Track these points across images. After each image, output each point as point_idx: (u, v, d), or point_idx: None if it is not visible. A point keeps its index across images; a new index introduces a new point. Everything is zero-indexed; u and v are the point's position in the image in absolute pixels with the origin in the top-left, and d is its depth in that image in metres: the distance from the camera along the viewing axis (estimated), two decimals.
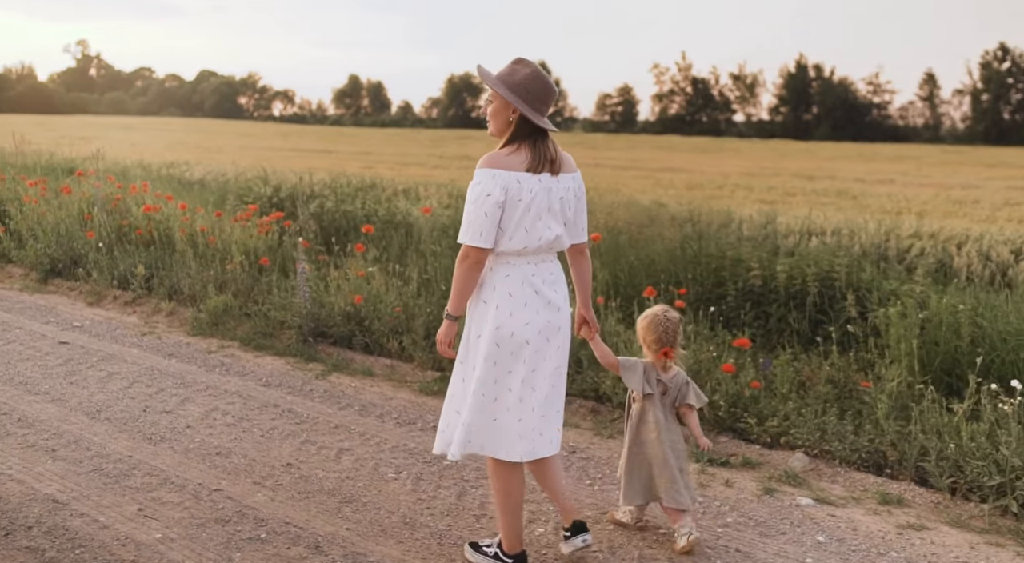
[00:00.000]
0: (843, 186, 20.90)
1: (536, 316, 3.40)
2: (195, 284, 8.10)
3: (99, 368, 6.25)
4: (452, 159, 29.03)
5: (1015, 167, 33.23)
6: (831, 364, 5.54)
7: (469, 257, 3.32)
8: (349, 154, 31.58)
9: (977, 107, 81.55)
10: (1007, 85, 79.82)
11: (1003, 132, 76.49)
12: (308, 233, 8.95)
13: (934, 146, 55.20)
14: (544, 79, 3.37)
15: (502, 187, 3.26)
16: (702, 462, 4.86)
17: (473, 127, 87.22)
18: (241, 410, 5.47)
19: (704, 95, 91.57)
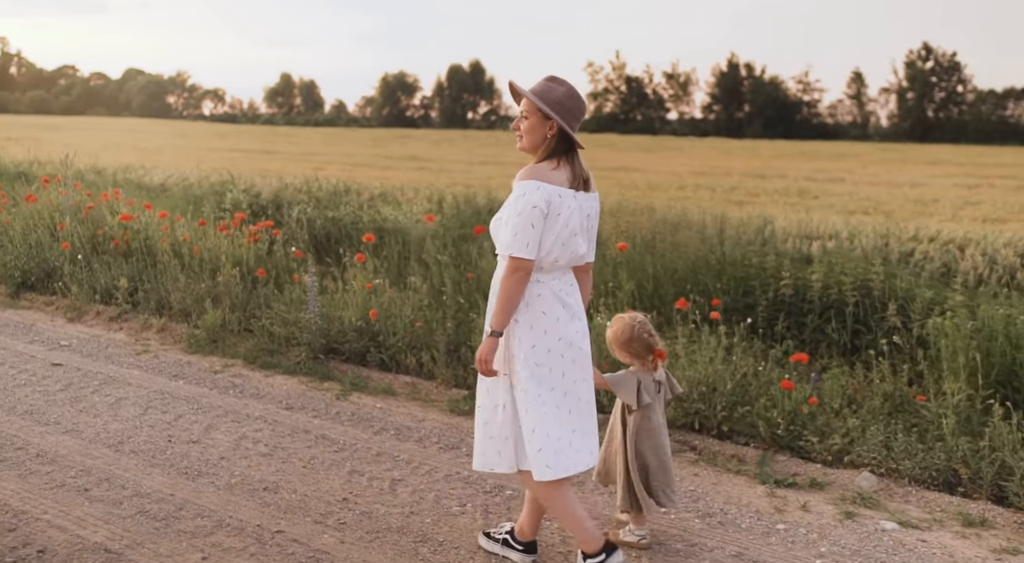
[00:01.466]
0: (800, 185, 21.06)
1: (566, 329, 3.46)
2: (186, 298, 7.69)
3: (104, 393, 5.84)
4: (399, 160, 28.65)
5: (954, 164, 34.00)
6: (881, 378, 5.40)
7: (520, 269, 3.32)
8: (293, 155, 30.96)
9: (903, 105, 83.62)
10: (931, 83, 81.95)
11: (928, 129, 78.58)
12: (299, 242, 8.58)
13: (871, 144, 56.33)
14: (579, 97, 3.44)
15: (545, 199, 3.30)
16: (769, 484, 4.68)
17: (408, 126, 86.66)
18: (271, 437, 5.13)
19: (638, 94, 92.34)
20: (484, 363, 3.39)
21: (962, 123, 79.14)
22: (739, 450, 5.12)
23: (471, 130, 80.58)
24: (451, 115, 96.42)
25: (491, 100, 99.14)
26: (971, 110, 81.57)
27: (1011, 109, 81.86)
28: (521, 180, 3.35)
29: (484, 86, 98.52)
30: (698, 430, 5.34)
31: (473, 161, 29.36)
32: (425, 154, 32.42)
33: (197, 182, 13.44)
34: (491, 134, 65.47)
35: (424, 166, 25.22)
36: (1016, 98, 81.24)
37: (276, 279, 7.92)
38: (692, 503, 4.43)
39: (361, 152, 33.29)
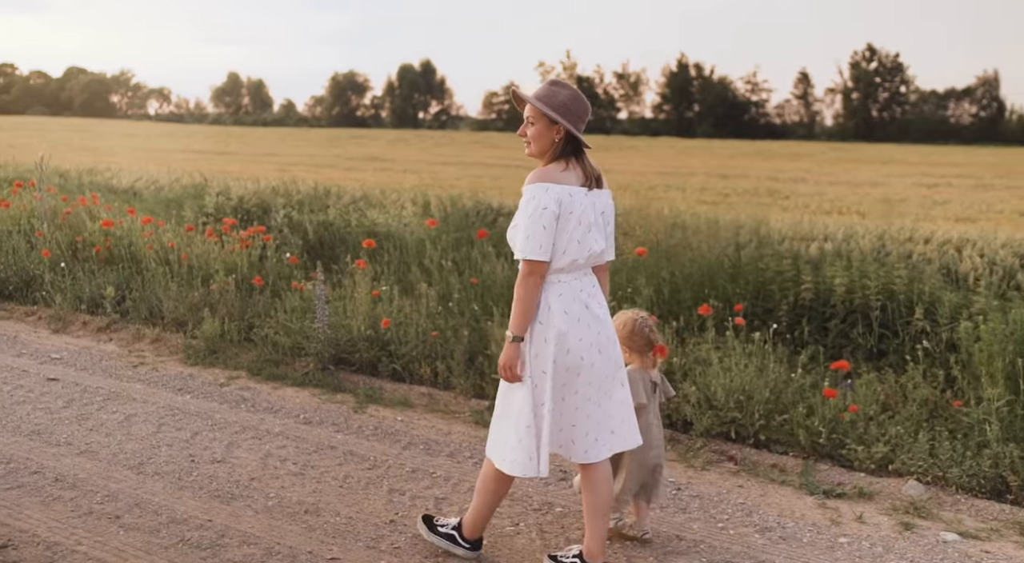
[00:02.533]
0: (767, 185, 21.17)
1: (588, 331, 3.44)
2: (179, 307, 7.41)
3: (110, 409, 5.57)
4: (360, 160, 28.31)
5: (905, 164, 34.51)
6: (914, 383, 5.33)
7: (534, 273, 3.36)
8: (251, 156, 30.45)
9: (848, 105, 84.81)
10: (875, 84, 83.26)
11: (872, 129, 79.83)
12: (293, 248, 8.33)
13: (821, 143, 57.01)
14: (583, 99, 3.46)
15: (556, 200, 3.33)
16: (817, 495, 4.58)
17: (359, 126, 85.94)
18: (297, 454, 4.92)
19: (589, 93, 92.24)
20: (508, 370, 3.42)
21: (905, 122, 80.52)
22: (779, 460, 5.02)
23: (423, 130, 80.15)
24: (402, 115, 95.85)
25: (442, 100, 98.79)
26: (914, 110, 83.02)
27: (951, 109, 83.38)
28: (530, 183, 3.38)
29: (435, 86, 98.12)
30: (733, 439, 5.23)
31: (433, 162, 29.12)
32: (384, 154, 32.09)
33: (168, 185, 13.05)
34: (445, 134, 65.19)
35: (387, 167, 24.92)
36: (956, 98, 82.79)
37: (272, 287, 7.67)
38: (746, 516, 4.32)
39: (321, 152, 32.84)
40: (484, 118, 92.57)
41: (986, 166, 32.61)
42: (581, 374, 3.44)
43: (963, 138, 73.56)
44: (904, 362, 5.78)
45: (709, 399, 5.32)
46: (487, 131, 78.34)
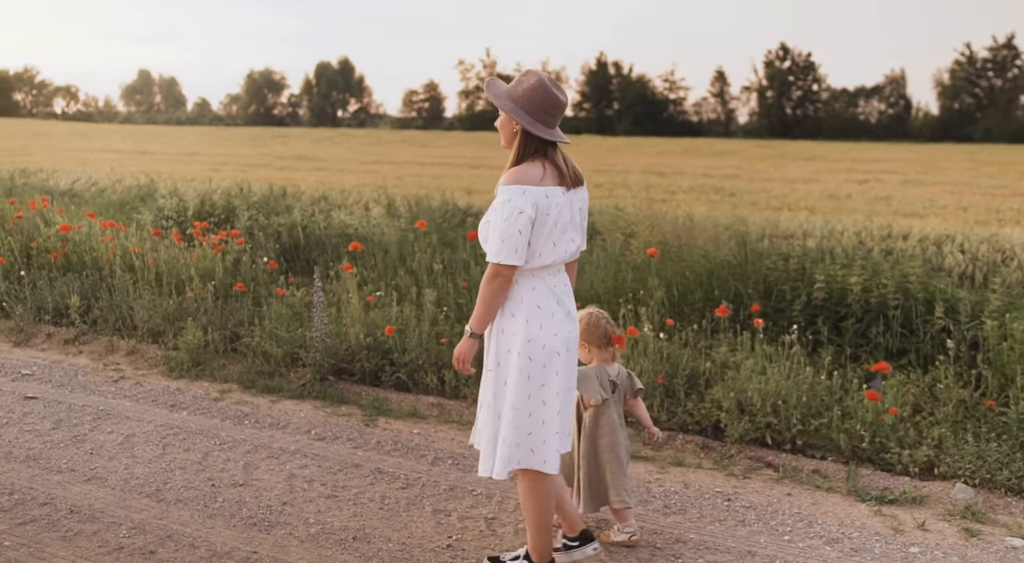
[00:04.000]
0: (710, 183, 21.27)
1: (561, 327, 3.38)
2: (154, 316, 6.99)
3: (104, 430, 5.18)
4: (291, 160, 27.68)
5: (828, 160, 35.17)
6: (946, 384, 5.26)
7: (500, 275, 3.27)
8: (175, 156, 29.51)
9: (763, 103, 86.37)
10: (788, 82, 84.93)
11: (787, 126, 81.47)
12: (269, 252, 7.95)
13: (745, 140, 57.86)
14: (546, 90, 3.27)
15: (532, 203, 3.21)
16: (869, 502, 4.46)
17: (277, 124, 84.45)
18: (322, 474, 4.61)
19: None
20: (459, 361, 3.40)
21: (818, 120, 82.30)
22: (819, 465, 4.89)
23: (344, 129, 79.09)
24: (320, 113, 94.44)
25: (361, 98, 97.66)
26: (826, 107, 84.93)
27: (861, 107, 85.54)
28: (505, 185, 3.25)
29: (354, 84, 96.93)
30: (769, 445, 5.08)
31: (366, 161, 28.62)
32: (313, 154, 31.42)
33: (111, 187, 12.46)
34: (369, 133, 64.37)
35: (321, 167, 24.35)
36: (866, 96, 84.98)
37: (253, 293, 7.29)
38: (807, 527, 4.17)
39: (247, 152, 31.99)
40: (404, 117, 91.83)
41: (907, 162, 33.42)
42: (559, 372, 3.36)
43: (873, 135, 75.67)
44: (925, 361, 5.73)
45: (741, 404, 5.17)
46: (408, 129, 77.65)
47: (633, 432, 4.89)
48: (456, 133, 64.58)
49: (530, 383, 3.32)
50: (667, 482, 4.66)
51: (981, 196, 19.54)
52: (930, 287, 6.00)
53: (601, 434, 3.90)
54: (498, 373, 3.37)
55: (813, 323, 6.02)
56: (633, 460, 4.93)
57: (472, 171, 24.80)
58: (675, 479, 4.71)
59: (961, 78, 78.15)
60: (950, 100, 78.96)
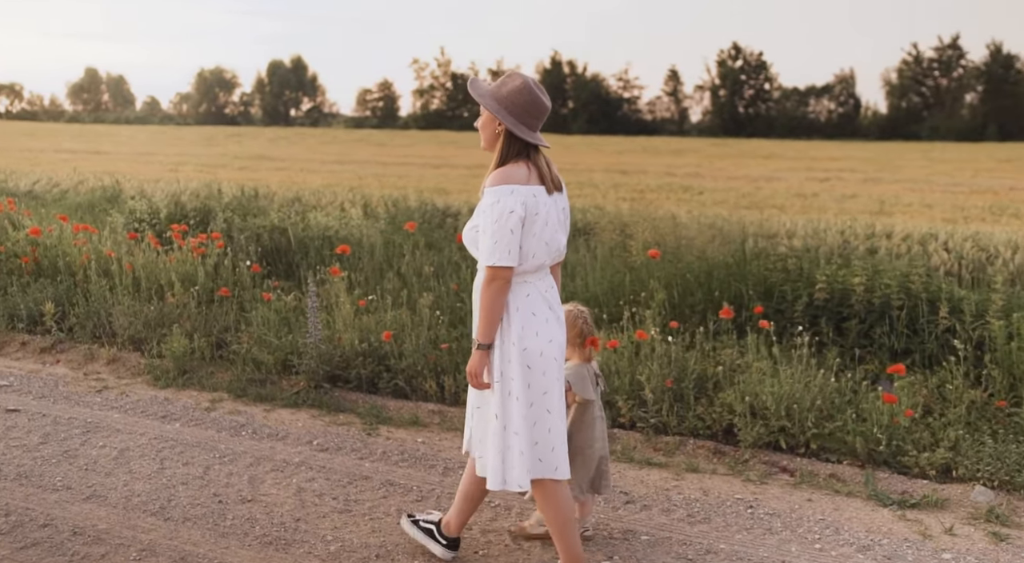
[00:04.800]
0: (673, 181, 21.30)
1: (555, 333, 3.36)
2: (134, 323, 6.75)
3: (95, 444, 4.95)
4: (251, 159, 27.24)
5: (786, 159, 35.49)
6: (956, 385, 5.22)
7: (498, 278, 3.21)
8: (130, 155, 28.93)
9: (716, 102, 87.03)
10: (740, 81, 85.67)
11: (739, 124, 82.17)
12: (251, 256, 7.72)
13: (702, 139, 58.18)
14: (531, 92, 3.26)
15: (522, 203, 3.19)
16: (891, 507, 4.40)
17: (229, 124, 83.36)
18: (332, 488, 4.44)
19: (464, 90, 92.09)
20: (476, 377, 3.30)
21: (770, 118, 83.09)
22: (834, 469, 4.81)
23: (299, 128, 78.28)
24: (273, 112, 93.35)
25: (314, 97, 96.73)
26: (777, 106, 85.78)
27: (812, 105, 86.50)
28: (493, 186, 3.21)
29: (307, 83, 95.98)
30: (783, 449, 5.01)
31: (326, 160, 28.27)
32: (271, 153, 30.95)
33: (73, 188, 12.09)
34: (325, 132, 63.74)
35: (282, 167, 23.98)
36: (816, 95, 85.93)
37: (237, 298, 7.08)
38: (835, 535, 4.09)
39: (204, 152, 31.43)
40: (359, 116, 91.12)
41: (863, 160, 33.80)
42: (555, 377, 3.34)
43: (824, 133, 76.56)
44: (930, 362, 5.69)
45: (753, 408, 5.09)
46: (363, 128, 77.06)
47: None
48: (412, 132, 64.21)
49: (531, 392, 3.29)
50: (685, 489, 4.56)
51: (942, 194, 19.78)
52: (931, 287, 5.96)
53: (592, 429, 3.87)
54: (504, 383, 3.30)
55: (814, 324, 5.97)
56: (647, 466, 4.84)
57: (435, 171, 24.61)
58: (693, 486, 4.61)
59: (908, 77, 79.41)
60: (898, 99, 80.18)
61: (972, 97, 76.99)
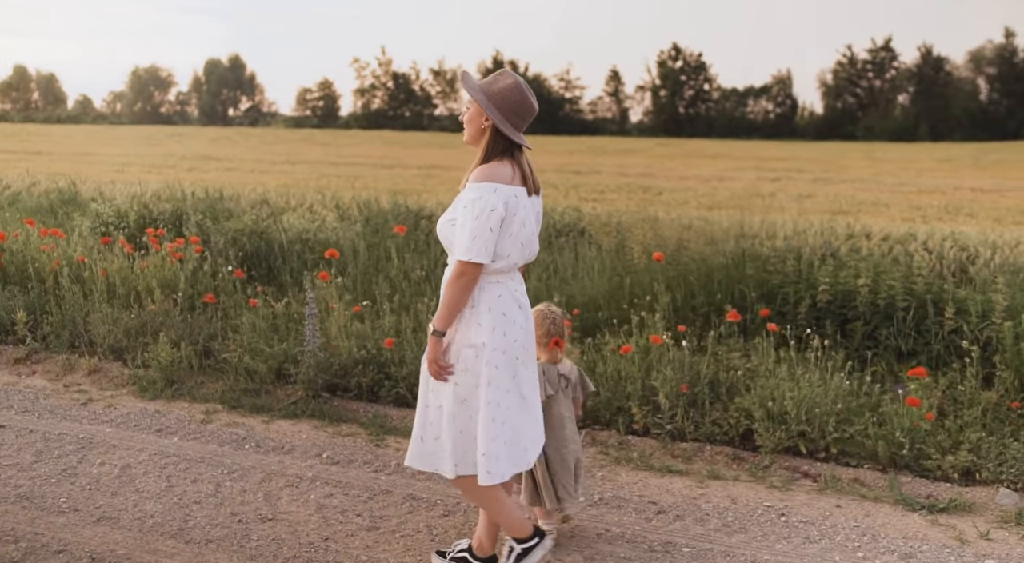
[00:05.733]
0: (632, 182, 21.34)
1: (520, 330, 3.38)
2: (115, 332, 6.47)
3: (93, 461, 4.70)
4: (197, 160, 26.67)
5: (732, 158, 35.91)
6: (970, 387, 5.21)
7: (467, 274, 3.20)
8: (71, 156, 28.15)
9: (657, 102, 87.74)
10: (680, 82, 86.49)
11: (680, 124, 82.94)
12: (232, 261, 7.47)
13: (647, 139, 58.51)
14: (523, 93, 3.26)
15: (504, 202, 3.19)
16: (921, 512, 4.36)
17: (165, 123, 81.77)
18: (353, 503, 4.27)
19: (406, 90, 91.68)
20: (436, 364, 3.28)
21: (710, 119, 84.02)
22: (857, 473, 4.77)
23: (238, 127, 77.04)
24: (211, 112, 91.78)
25: (252, 96, 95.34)
26: (717, 107, 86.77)
27: (751, 106, 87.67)
28: (477, 182, 3.20)
29: (245, 81, 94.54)
30: (803, 454, 4.95)
31: (275, 160, 27.80)
32: (217, 153, 30.30)
33: (26, 190, 11.65)
34: (268, 131, 62.79)
35: (231, 167, 23.49)
36: (755, 96, 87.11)
37: (221, 305, 6.83)
38: (873, 542, 4.03)
39: (147, 152, 30.65)
40: (298, 115, 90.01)
41: (808, 160, 34.29)
42: (512, 375, 3.35)
43: (763, 133, 77.64)
44: (937, 363, 5.69)
45: (769, 412, 5.02)
46: (304, 128, 76.15)
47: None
48: (355, 132, 63.59)
49: (492, 389, 3.28)
50: (712, 497, 4.47)
51: (891, 194, 20.12)
52: (933, 288, 5.97)
53: (556, 428, 3.84)
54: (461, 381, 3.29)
55: (819, 326, 5.93)
56: (668, 474, 4.75)
57: (387, 171, 24.36)
58: (719, 494, 4.52)
59: (843, 79, 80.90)
60: (833, 100, 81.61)
61: (904, 98, 78.73)
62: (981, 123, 69.49)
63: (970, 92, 75.84)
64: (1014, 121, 67.92)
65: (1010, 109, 71.37)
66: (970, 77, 77.23)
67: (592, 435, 5.22)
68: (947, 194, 20.35)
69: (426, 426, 3.38)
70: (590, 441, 5.17)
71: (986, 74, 76.20)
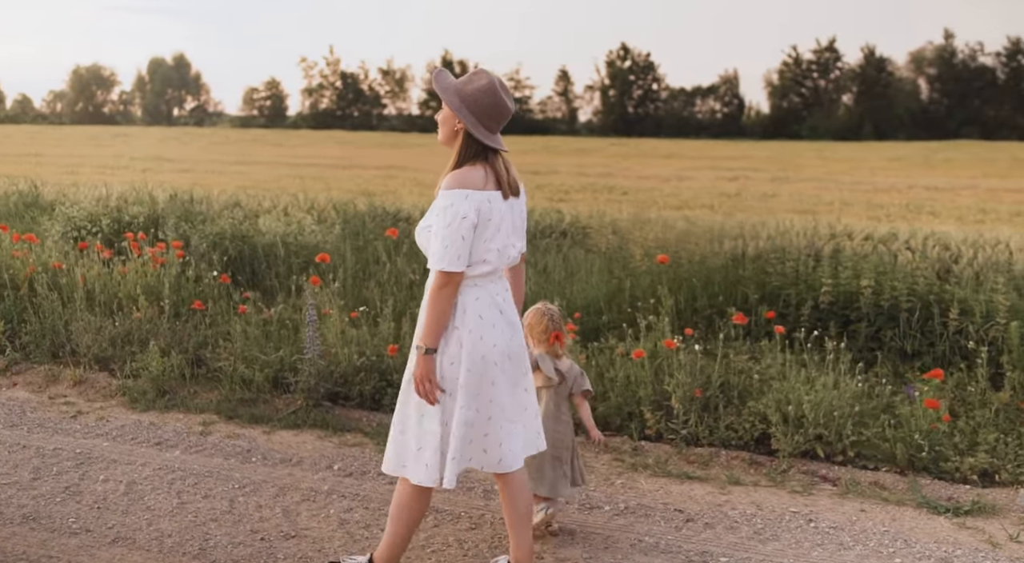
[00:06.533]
0: (595, 182, 21.34)
1: (502, 337, 3.29)
2: (99, 340, 6.25)
3: (96, 478, 4.51)
4: (150, 161, 26.13)
5: (687, 157, 36.16)
6: (981, 388, 5.23)
7: (448, 284, 3.16)
8: (16, 156, 27.40)
9: (606, 102, 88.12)
10: (629, 82, 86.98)
11: (629, 124, 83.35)
12: (216, 265, 7.26)
13: (600, 139, 58.63)
14: (496, 94, 3.18)
15: (475, 209, 3.13)
16: (946, 515, 4.35)
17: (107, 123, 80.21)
18: (376, 518, 4.15)
19: (354, 90, 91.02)
20: (426, 383, 3.20)
21: (658, 118, 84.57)
22: (876, 477, 4.75)
23: (185, 127, 75.81)
24: (155, 111, 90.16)
25: (198, 95, 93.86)
26: (665, 106, 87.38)
27: (698, 105, 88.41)
28: (448, 189, 3.14)
29: (190, 81, 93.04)
30: (820, 458, 4.91)
31: (228, 161, 27.35)
32: (169, 154, 29.69)
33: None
34: (216, 131, 61.84)
35: (186, 168, 23.04)
36: (702, 96, 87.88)
37: (209, 311, 6.63)
38: (907, 547, 4.01)
39: (96, 153, 29.95)
40: (245, 115, 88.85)
41: (762, 159, 34.63)
42: (495, 382, 3.27)
43: (711, 133, 78.32)
44: (941, 364, 5.70)
45: (785, 416, 4.98)
46: (251, 128, 75.17)
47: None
48: (305, 132, 62.86)
49: (467, 395, 3.22)
50: (737, 504, 4.42)
51: (850, 192, 20.37)
52: (934, 288, 5.99)
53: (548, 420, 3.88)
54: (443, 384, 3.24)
55: (823, 328, 5.92)
56: (687, 480, 4.69)
57: (345, 171, 24.09)
58: (742, 500, 4.47)
59: (789, 79, 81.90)
60: (779, 99, 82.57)
61: (848, 98, 79.96)
62: (923, 123, 70.81)
63: (911, 92, 77.34)
64: (954, 121, 69.33)
65: (950, 109, 72.88)
66: (911, 77, 78.76)
67: (604, 441, 5.13)
68: (903, 193, 20.65)
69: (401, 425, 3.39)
70: (603, 447, 5.09)
71: (926, 74, 77.77)
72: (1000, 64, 73.75)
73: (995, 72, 74.05)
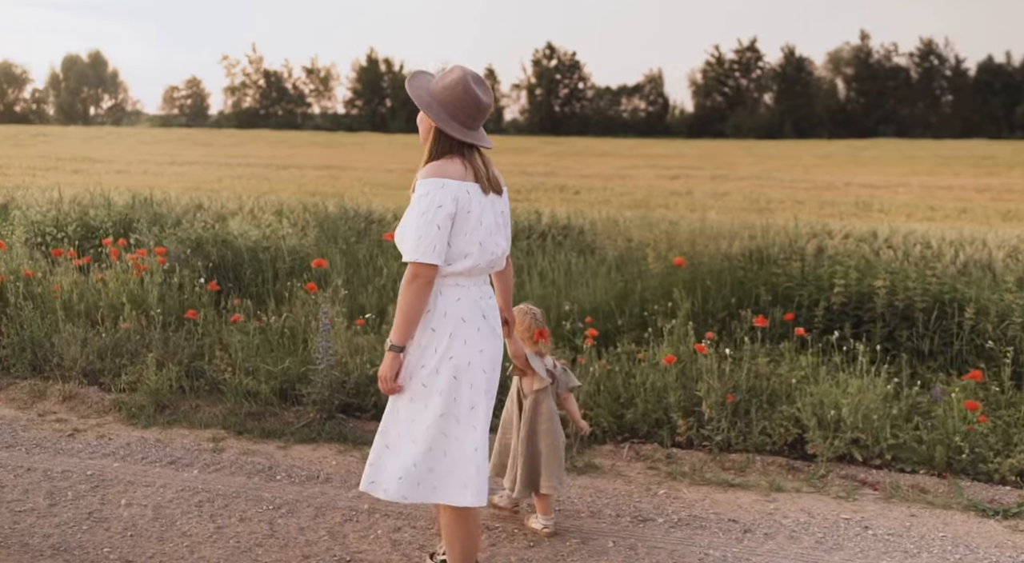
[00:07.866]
0: (545, 181, 21.24)
1: (486, 343, 3.17)
2: (88, 353, 5.92)
3: (116, 502, 4.22)
4: (80, 162, 25.20)
5: (620, 156, 36.33)
6: (1003, 387, 5.24)
7: (420, 276, 3.02)
8: None
9: (533, 101, 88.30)
10: (555, 81, 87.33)
11: (556, 123, 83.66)
12: (202, 272, 6.94)
13: (533, 137, 58.49)
14: (467, 88, 3.07)
15: (452, 197, 3.01)
16: (996, 517, 4.33)
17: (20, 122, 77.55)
18: (427, 538, 3.96)
19: (278, 88, 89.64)
20: (387, 381, 3.15)
21: (585, 117, 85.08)
22: (915, 480, 4.72)
23: (106, 126, 73.66)
24: (70, 110, 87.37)
25: (115, 94, 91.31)
26: (591, 105, 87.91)
27: (624, 104, 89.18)
28: (424, 179, 3.04)
29: (107, 79, 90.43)
30: (859, 462, 4.86)
31: (162, 162, 26.52)
32: (99, 155, 28.66)
33: None
34: (141, 130, 60.19)
35: (122, 169, 22.24)
36: (628, 95, 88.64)
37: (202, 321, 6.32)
38: (971, 554, 3.96)
39: (20, 153, 28.61)
40: (166, 114, 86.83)
41: (694, 158, 34.88)
42: (485, 390, 3.17)
43: (637, 131, 79.01)
44: (960, 364, 5.72)
45: (820, 420, 4.92)
46: (172, 127, 73.41)
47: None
48: (231, 131, 61.53)
49: (456, 405, 3.10)
50: (788, 512, 4.34)
51: (794, 190, 20.65)
52: (945, 288, 6.01)
53: (541, 421, 3.95)
54: (416, 395, 3.14)
55: (832, 329, 5.88)
56: (729, 488, 4.60)
57: (285, 171, 23.58)
58: (791, 507, 4.39)
59: (712, 78, 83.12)
60: (703, 98, 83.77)
61: (769, 97, 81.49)
62: (841, 121, 72.63)
63: (829, 91, 79.19)
64: (871, 119, 71.20)
65: (866, 108, 74.82)
66: (829, 77, 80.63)
67: (635, 449, 5.02)
68: (843, 190, 20.99)
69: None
70: (634, 455, 4.97)
71: (844, 74, 79.72)
72: (913, 64, 75.99)
73: (909, 72, 76.31)
